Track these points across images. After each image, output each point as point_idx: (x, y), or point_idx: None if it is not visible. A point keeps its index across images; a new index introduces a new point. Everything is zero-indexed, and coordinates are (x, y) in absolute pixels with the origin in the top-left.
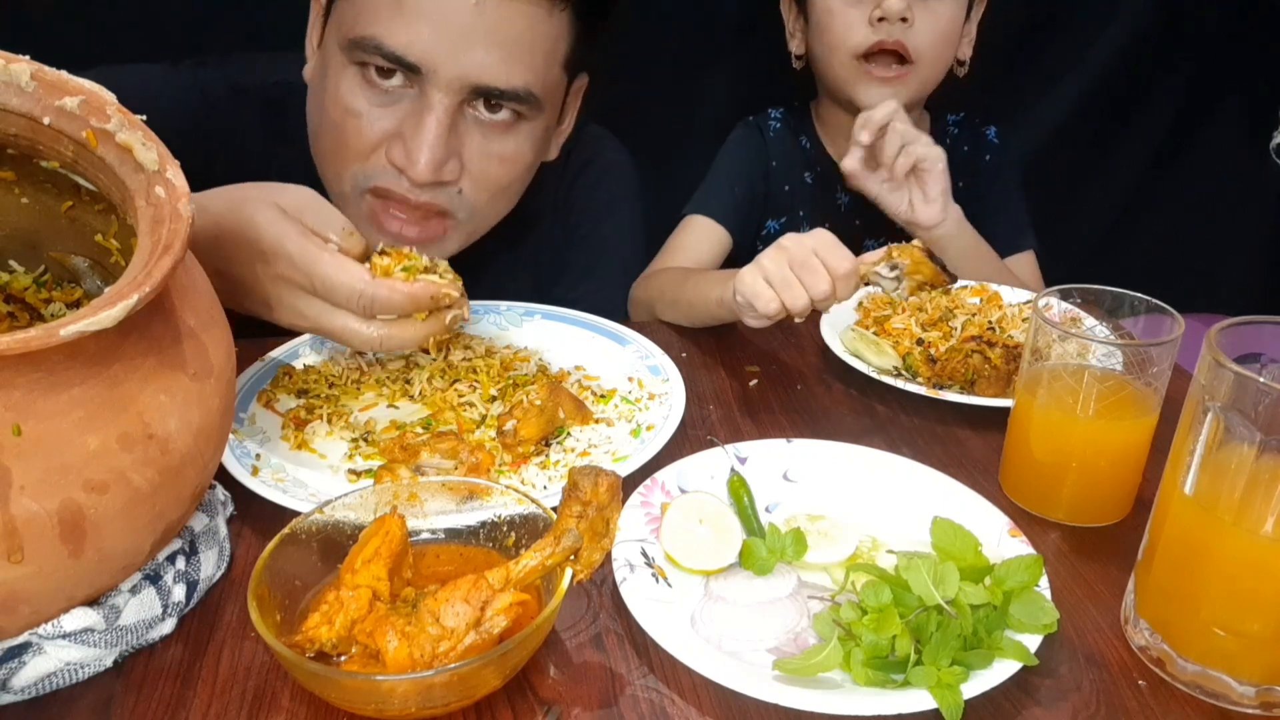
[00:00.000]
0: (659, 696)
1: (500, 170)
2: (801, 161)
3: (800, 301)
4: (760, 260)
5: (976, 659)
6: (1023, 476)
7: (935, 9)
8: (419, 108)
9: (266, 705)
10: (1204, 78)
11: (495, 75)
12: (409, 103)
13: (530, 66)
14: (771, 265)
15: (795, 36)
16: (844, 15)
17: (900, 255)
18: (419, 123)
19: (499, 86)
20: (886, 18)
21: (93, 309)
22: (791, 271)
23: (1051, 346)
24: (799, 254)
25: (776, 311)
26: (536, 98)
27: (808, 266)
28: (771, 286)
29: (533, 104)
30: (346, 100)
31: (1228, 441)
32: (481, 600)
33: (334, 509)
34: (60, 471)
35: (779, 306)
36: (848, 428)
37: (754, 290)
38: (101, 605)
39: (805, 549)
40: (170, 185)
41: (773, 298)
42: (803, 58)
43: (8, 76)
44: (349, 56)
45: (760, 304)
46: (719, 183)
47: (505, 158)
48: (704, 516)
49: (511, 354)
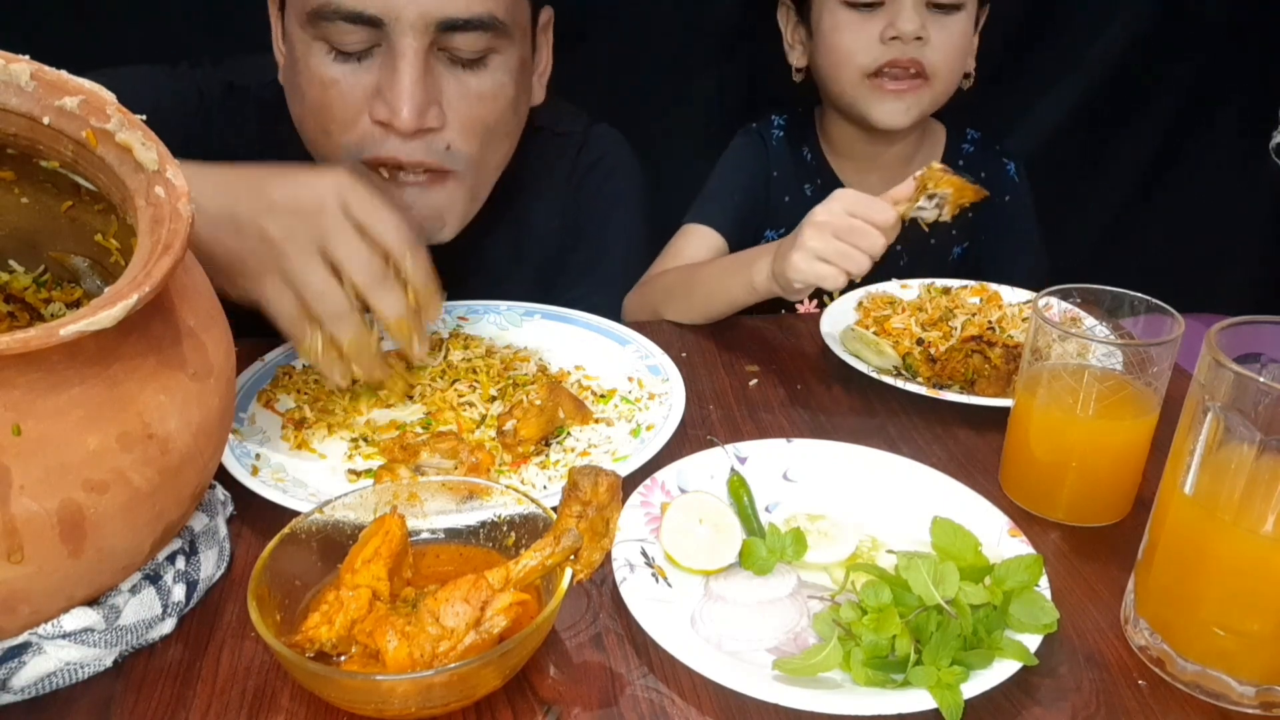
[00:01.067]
0: (659, 696)
1: (483, 109)
2: (802, 173)
3: (862, 265)
4: (803, 243)
5: (976, 659)
6: (1022, 476)
7: (948, 24)
8: (390, 59)
9: (266, 705)
10: (1204, 78)
11: (456, 6)
12: (380, 58)
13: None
14: (819, 244)
15: (795, 49)
16: (853, 31)
17: (936, 185)
18: (394, 73)
19: (462, 16)
20: (900, 37)
21: (92, 309)
22: (840, 241)
23: (1051, 346)
24: (839, 223)
25: (843, 285)
26: (502, 23)
27: (855, 230)
28: (829, 263)
29: (500, 30)
30: (320, 73)
31: (1228, 441)
32: (481, 600)
33: (334, 509)
34: (60, 471)
35: (845, 280)
36: (848, 428)
37: (815, 273)
38: (101, 605)
39: (805, 549)
40: (170, 185)
41: (836, 273)
42: (803, 70)
43: (7, 76)
44: (312, 32)
45: (828, 284)
46: (719, 191)
47: (485, 94)
48: (704, 516)
49: (511, 354)
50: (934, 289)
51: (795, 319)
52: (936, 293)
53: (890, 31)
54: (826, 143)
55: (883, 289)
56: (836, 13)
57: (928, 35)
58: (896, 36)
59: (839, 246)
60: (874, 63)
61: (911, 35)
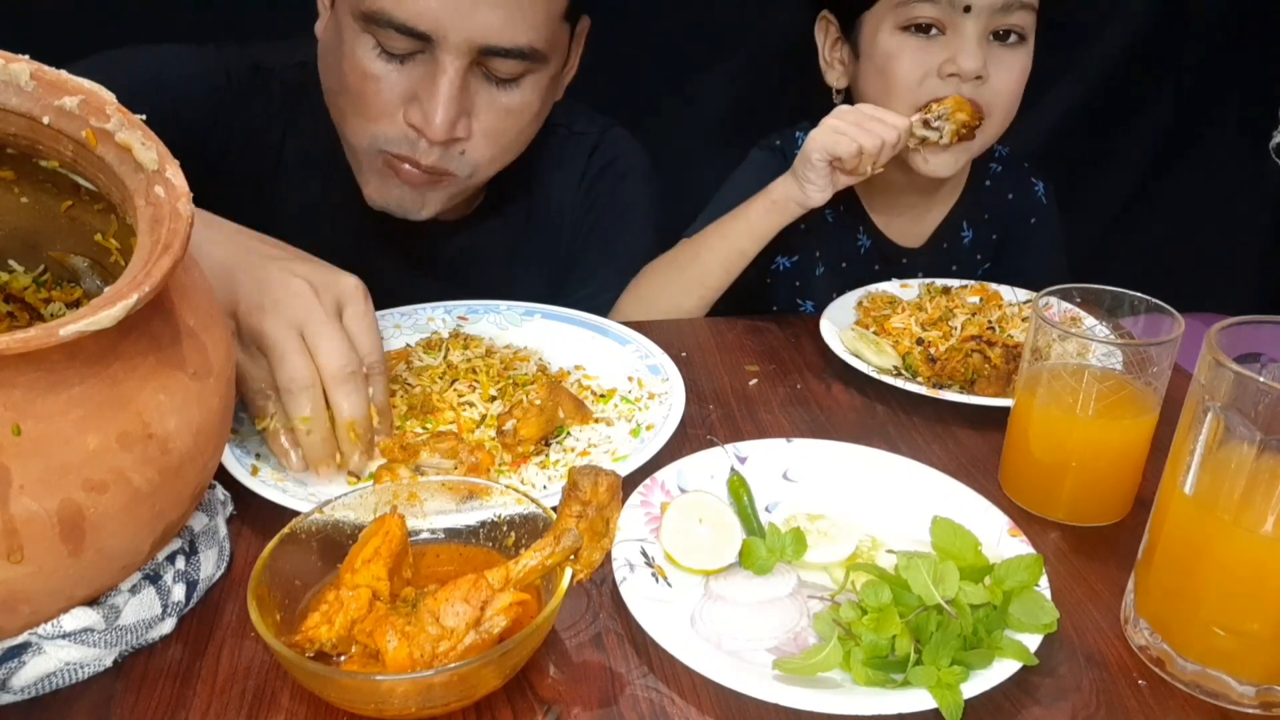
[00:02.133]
0: (659, 696)
1: (507, 123)
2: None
3: (875, 142)
4: (825, 122)
5: (976, 659)
6: (1022, 476)
7: (1008, 60)
8: (432, 71)
9: (266, 705)
10: (1204, 78)
11: (501, 36)
12: (422, 65)
13: (533, 25)
14: (839, 121)
15: (834, 68)
16: (912, 61)
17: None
18: (433, 85)
19: (505, 46)
20: (960, 74)
21: (92, 309)
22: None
23: (1051, 346)
24: (859, 113)
25: (856, 152)
26: (541, 52)
27: (874, 118)
28: (845, 135)
29: (537, 59)
30: (364, 66)
31: (1227, 441)
32: (481, 600)
33: (334, 509)
34: (60, 471)
35: (857, 148)
36: (848, 427)
37: (833, 141)
38: (101, 605)
39: (805, 548)
40: (170, 185)
41: (850, 141)
42: (843, 91)
43: (7, 76)
44: (362, 26)
45: (842, 148)
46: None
47: (512, 110)
48: (703, 516)
49: (511, 354)
50: (934, 289)
51: (795, 319)
52: (936, 292)
53: (950, 67)
54: None
55: (883, 289)
56: (893, 38)
57: (987, 73)
58: (956, 73)
59: (857, 122)
60: (929, 97)
61: (972, 74)
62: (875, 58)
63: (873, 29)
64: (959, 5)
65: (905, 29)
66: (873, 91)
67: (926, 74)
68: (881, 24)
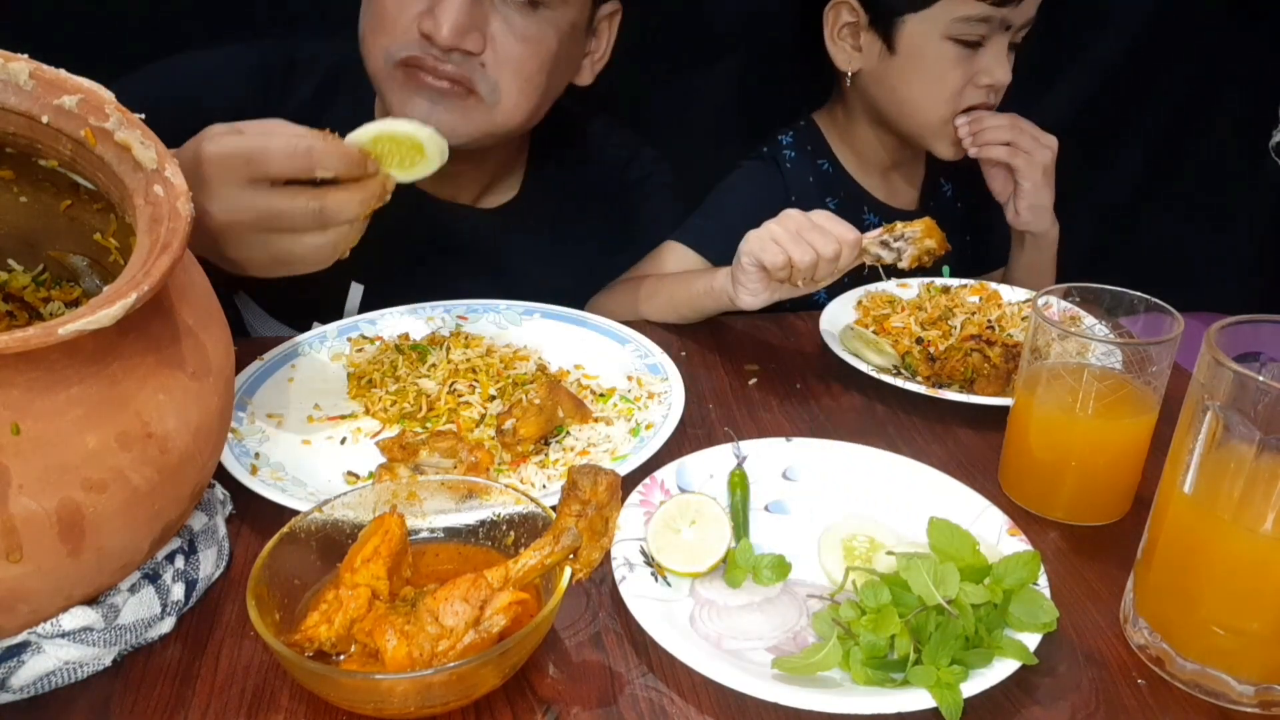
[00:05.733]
0: (658, 695)
1: (522, 49)
2: (823, 186)
3: (807, 257)
4: (766, 225)
5: (976, 658)
6: (1022, 475)
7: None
8: None
9: (265, 704)
10: (1204, 78)
11: None
12: None
13: None
14: (777, 228)
15: (848, 52)
16: (957, 74)
17: (907, 226)
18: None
19: None
20: (994, 85)
21: (91, 308)
22: (797, 233)
23: (1051, 345)
24: (803, 221)
25: (783, 264)
26: None
27: (817, 228)
28: (778, 244)
29: None
30: None
31: (1227, 440)
32: (480, 599)
33: (333, 508)
34: (59, 470)
35: (785, 259)
36: (848, 427)
37: (761, 246)
38: (100, 604)
39: (786, 574)
40: (169, 184)
41: (780, 250)
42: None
43: (6, 75)
44: None
45: (768, 256)
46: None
47: (527, 37)
48: (693, 519)
49: (511, 353)
50: (933, 288)
51: (795, 318)
52: (936, 291)
53: (985, 78)
54: (845, 151)
55: (882, 288)
56: (942, 45)
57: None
58: (991, 84)
59: (794, 234)
60: (966, 104)
61: (1004, 86)
62: (918, 60)
63: (920, 33)
64: (1002, 23)
65: (953, 39)
66: (909, 93)
67: (965, 84)
68: (930, 30)
